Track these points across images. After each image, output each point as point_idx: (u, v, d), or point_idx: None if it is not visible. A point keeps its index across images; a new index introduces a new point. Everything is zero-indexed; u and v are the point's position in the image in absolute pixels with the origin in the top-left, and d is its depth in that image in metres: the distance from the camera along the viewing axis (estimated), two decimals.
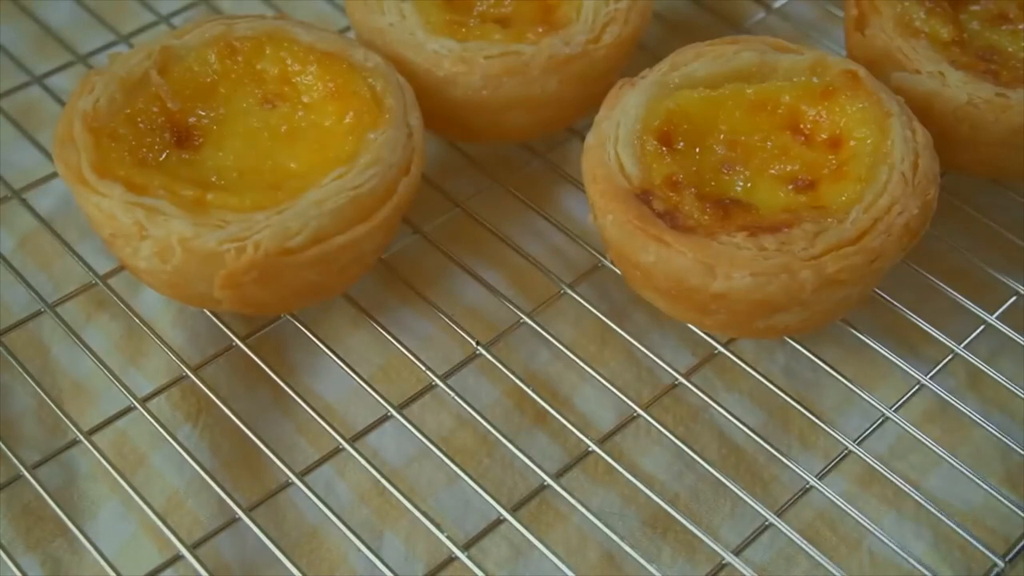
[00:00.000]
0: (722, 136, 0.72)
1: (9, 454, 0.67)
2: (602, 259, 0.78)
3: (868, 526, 0.64)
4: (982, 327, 0.74)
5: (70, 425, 0.68)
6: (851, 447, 0.68)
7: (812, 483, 0.67)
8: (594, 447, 0.68)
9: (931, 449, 0.68)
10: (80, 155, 0.68)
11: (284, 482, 0.67)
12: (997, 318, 0.74)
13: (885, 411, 0.70)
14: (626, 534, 0.66)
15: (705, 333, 0.73)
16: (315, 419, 0.68)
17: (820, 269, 0.65)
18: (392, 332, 0.73)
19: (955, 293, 0.75)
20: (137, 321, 0.73)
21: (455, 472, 0.66)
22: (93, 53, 0.90)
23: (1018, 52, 0.78)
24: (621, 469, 0.66)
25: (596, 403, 0.75)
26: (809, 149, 0.72)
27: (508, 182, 0.82)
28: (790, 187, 0.70)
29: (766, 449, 0.68)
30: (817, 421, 0.69)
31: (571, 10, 0.79)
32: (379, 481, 0.66)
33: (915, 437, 0.68)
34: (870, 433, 0.69)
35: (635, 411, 0.70)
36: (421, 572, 0.67)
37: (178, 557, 0.64)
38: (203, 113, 0.73)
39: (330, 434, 0.68)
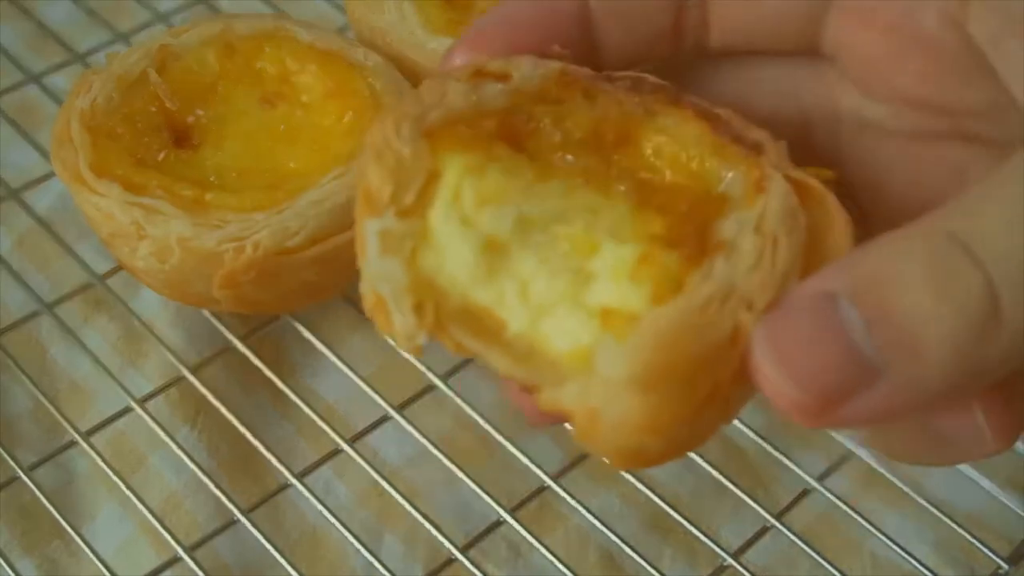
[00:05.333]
0: None
1: (6, 455, 0.67)
2: None
3: (870, 528, 0.64)
4: None
5: (68, 426, 0.68)
6: (853, 448, 0.68)
7: (813, 485, 0.67)
8: None
9: None
10: (78, 154, 0.68)
11: (283, 483, 0.67)
12: None
13: None
14: (626, 535, 0.65)
15: None
16: (314, 420, 0.68)
17: None
18: None
19: None
20: (135, 321, 0.73)
21: (455, 473, 0.66)
22: (91, 52, 0.90)
23: None
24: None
25: None
26: None
27: None
28: None
29: (767, 450, 0.68)
30: None
31: None
32: (379, 482, 0.65)
33: None
34: None
35: None
36: (420, 573, 0.67)
37: (176, 559, 0.63)
38: (202, 112, 0.72)
39: (329, 435, 0.68)
